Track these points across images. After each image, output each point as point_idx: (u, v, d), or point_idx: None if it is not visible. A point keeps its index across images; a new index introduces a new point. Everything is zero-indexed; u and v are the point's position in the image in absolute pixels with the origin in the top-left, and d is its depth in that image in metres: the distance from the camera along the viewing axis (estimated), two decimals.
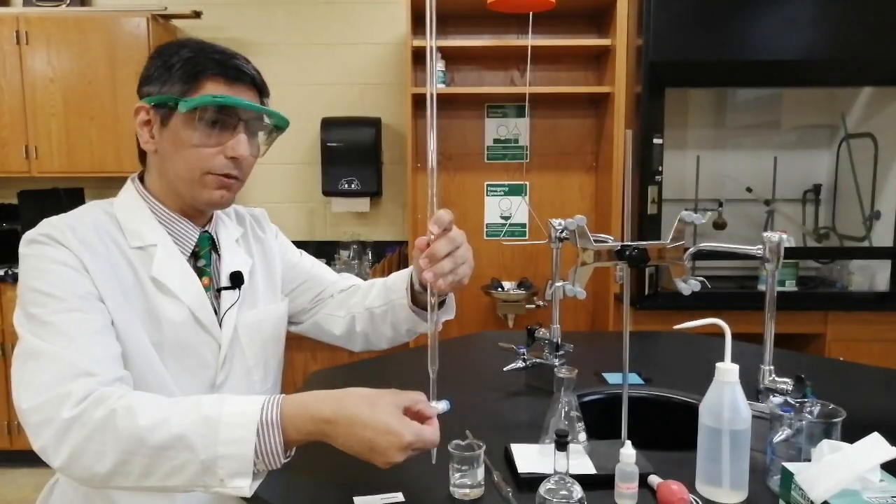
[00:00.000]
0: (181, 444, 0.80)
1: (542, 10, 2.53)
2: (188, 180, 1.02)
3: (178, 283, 1.03)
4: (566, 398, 1.09)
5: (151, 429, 0.80)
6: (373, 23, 3.44)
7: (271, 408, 0.83)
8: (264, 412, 0.82)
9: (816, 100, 3.29)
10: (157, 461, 0.80)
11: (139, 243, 1.01)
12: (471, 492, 0.96)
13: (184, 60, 0.99)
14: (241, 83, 1.02)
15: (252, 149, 1.05)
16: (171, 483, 0.81)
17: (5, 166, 3.20)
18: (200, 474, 0.80)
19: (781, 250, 1.13)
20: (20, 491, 2.99)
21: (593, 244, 1.10)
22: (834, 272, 3.19)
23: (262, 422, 0.81)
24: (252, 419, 0.81)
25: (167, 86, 0.99)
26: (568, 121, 3.41)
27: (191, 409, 0.82)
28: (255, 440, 0.80)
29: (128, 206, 1.05)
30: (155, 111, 1.01)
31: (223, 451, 0.80)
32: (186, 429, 0.80)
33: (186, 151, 1.00)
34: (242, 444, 0.80)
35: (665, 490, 0.93)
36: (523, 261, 3.50)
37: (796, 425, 0.96)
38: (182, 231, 1.07)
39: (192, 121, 0.98)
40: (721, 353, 0.98)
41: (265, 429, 0.81)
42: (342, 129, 3.27)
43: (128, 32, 3.12)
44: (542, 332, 1.47)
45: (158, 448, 0.79)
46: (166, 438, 0.80)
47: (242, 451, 0.80)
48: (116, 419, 0.80)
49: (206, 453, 0.79)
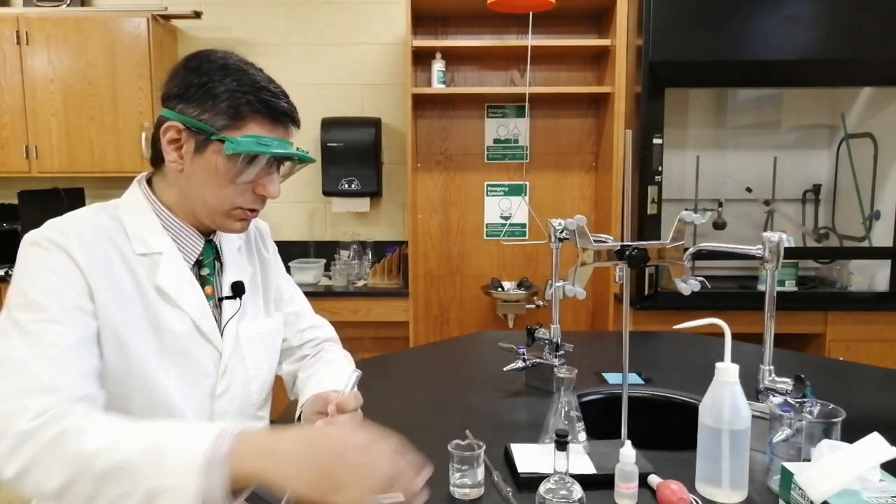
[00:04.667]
0: (123, 474, 0.77)
1: (542, 10, 2.54)
2: (214, 210, 1.02)
3: (182, 292, 1.02)
4: (566, 398, 1.09)
5: (97, 454, 0.78)
6: (373, 23, 3.44)
7: (217, 443, 0.77)
8: (208, 450, 0.76)
9: (816, 100, 3.29)
10: (102, 487, 0.77)
11: (144, 250, 1.00)
12: (471, 492, 0.96)
13: (231, 93, 0.96)
14: (282, 124, 1.01)
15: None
16: None
17: (5, 166, 3.20)
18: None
19: (781, 250, 1.13)
20: None
21: (593, 244, 1.10)
22: (834, 272, 3.19)
23: (208, 457, 0.76)
24: (197, 451, 0.76)
25: (209, 114, 0.96)
26: (568, 121, 3.41)
27: (143, 436, 0.80)
28: (200, 475, 0.75)
29: (134, 211, 1.04)
30: (189, 134, 0.98)
31: (168, 483, 0.76)
32: (135, 455, 0.77)
33: (218, 184, 0.99)
34: (188, 476, 0.75)
35: (665, 490, 0.93)
36: (523, 261, 3.50)
37: (796, 425, 0.96)
38: (187, 239, 1.06)
39: (233, 159, 0.97)
40: (721, 353, 0.98)
41: (212, 464, 0.76)
42: (342, 129, 3.27)
43: (128, 32, 3.13)
44: (542, 332, 1.47)
45: (101, 475, 0.77)
46: (110, 465, 0.77)
47: (187, 484, 0.75)
48: (66, 440, 0.79)
49: (153, 482, 0.76)
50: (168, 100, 1.00)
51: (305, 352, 1.28)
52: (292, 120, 1.03)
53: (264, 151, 0.97)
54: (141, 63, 3.13)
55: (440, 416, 1.31)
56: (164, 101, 1.01)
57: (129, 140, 3.15)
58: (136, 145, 3.15)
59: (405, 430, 1.22)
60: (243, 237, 1.19)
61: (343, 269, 3.24)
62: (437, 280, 3.52)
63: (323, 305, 3.04)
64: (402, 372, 1.64)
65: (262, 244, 1.25)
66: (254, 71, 1.01)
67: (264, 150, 0.97)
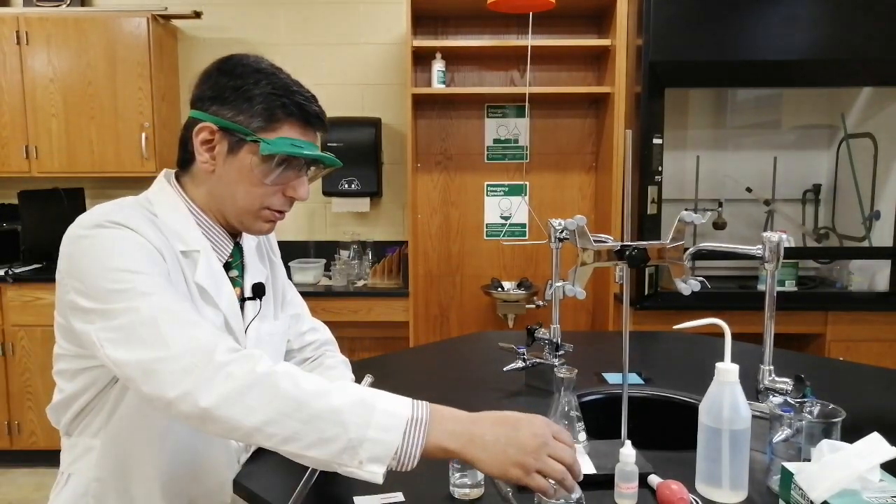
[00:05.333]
0: (336, 418, 0.81)
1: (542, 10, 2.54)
2: (244, 210, 1.04)
3: (219, 290, 1.05)
4: (566, 398, 1.09)
5: (315, 395, 0.82)
6: (373, 23, 3.44)
7: (420, 406, 0.85)
8: (414, 409, 0.84)
9: (816, 100, 3.29)
10: (308, 428, 0.81)
11: (183, 247, 1.01)
12: (471, 492, 0.96)
13: (266, 96, 0.99)
14: (313, 127, 1.04)
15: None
16: (311, 454, 0.82)
17: (5, 166, 3.20)
18: (342, 452, 0.81)
19: (781, 250, 1.13)
20: (20, 491, 2.99)
21: (593, 244, 1.10)
22: (834, 272, 3.19)
23: (411, 418, 0.83)
24: (404, 410, 0.84)
25: (244, 116, 0.98)
26: (568, 121, 3.41)
27: (349, 389, 0.85)
28: (403, 432, 0.82)
29: (169, 207, 1.04)
30: (223, 135, 0.99)
31: (373, 435, 0.81)
32: (345, 405, 0.82)
33: (250, 185, 1.01)
34: (391, 433, 0.82)
35: (665, 490, 0.93)
36: (523, 261, 3.50)
37: (796, 425, 0.96)
38: (219, 240, 1.08)
39: (267, 160, 0.99)
40: (721, 353, 0.98)
41: (414, 425, 0.83)
42: (342, 129, 3.27)
43: (128, 32, 3.13)
44: (542, 331, 1.47)
45: (314, 416, 0.81)
46: (325, 408, 0.81)
47: (389, 440, 0.81)
48: (278, 379, 0.82)
49: (357, 433, 0.81)
50: (200, 102, 1.02)
51: (307, 354, 1.29)
52: (322, 124, 1.06)
53: (298, 153, 1.00)
54: (141, 63, 3.13)
55: None
56: (196, 103, 1.02)
57: (129, 140, 3.15)
58: (136, 145, 3.14)
59: None
60: (255, 239, 1.20)
61: (343, 269, 3.24)
62: (437, 280, 3.52)
63: (323, 305, 3.04)
64: (402, 372, 1.64)
65: (270, 247, 1.27)
66: (284, 75, 1.04)
67: (298, 153, 1.00)
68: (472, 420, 0.86)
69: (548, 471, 0.84)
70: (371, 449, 0.81)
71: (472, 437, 0.84)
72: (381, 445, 0.81)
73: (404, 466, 0.83)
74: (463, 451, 0.83)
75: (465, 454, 0.84)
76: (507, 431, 0.85)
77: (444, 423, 0.85)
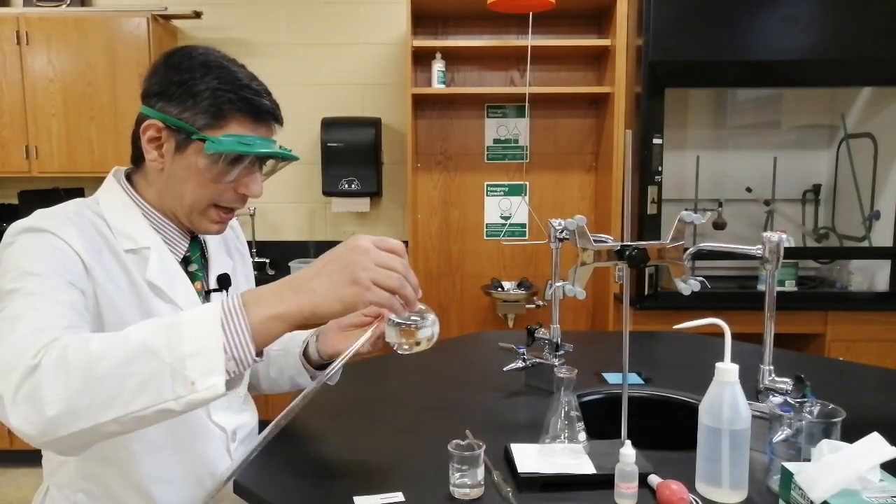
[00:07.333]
0: (143, 353, 0.73)
1: (542, 10, 2.54)
2: (191, 209, 1.01)
3: (174, 286, 1.02)
4: (566, 398, 1.09)
5: (107, 350, 0.73)
6: (373, 23, 3.44)
7: (230, 297, 0.79)
8: (224, 303, 0.77)
9: (816, 100, 3.29)
10: (119, 381, 0.72)
11: (131, 246, 0.99)
12: (471, 491, 0.96)
13: (211, 91, 0.95)
14: (264, 122, 1.00)
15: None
16: (137, 405, 0.72)
17: (6, 166, 3.20)
18: (169, 382, 0.72)
19: (781, 250, 1.13)
20: (20, 490, 2.99)
21: (593, 244, 1.10)
22: (833, 272, 3.19)
23: (224, 310, 0.76)
24: (214, 311, 0.76)
25: (189, 113, 0.95)
26: (568, 121, 3.41)
27: (147, 323, 0.77)
28: (221, 331, 0.74)
29: (116, 206, 1.02)
30: (169, 133, 0.97)
31: (189, 349, 0.73)
32: (147, 337, 0.74)
33: (199, 184, 0.98)
34: (209, 337, 0.74)
35: (665, 490, 0.93)
36: (523, 261, 3.50)
37: (796, 425, 0.96)
38: (173, 236, 1.06)
39: (214, 158, 0.96)
40: (721, 353, 0.98)
41: (229, 316, 0.75)
42: (342, 129, 3.27)
43: (128, 33, 3.13)
44: (542, 331, 1.47)
45: (118, 365, 0.72)
46: (125, 352, 0.73)
47: (210, 345, 0.74)
48: (67, 353, 0.73)
49: (172, 355, 0.72)
50: (148, 97, 0.99)
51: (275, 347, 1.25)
52: (275, 118, 1.02)
53: (246, 151, 0.96)
54: (141, 63, 3.13)
55: (440, 416, 1.31)
56: (144, 98, 1.00)
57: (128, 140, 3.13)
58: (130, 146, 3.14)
59: (405, 430, 1.22)
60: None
61: None
62: (437, 280, 3.53)
63: None
64: (402, 372, 1.64)
65: (238, 240, 1.26)
66: (235, 68, 0.99)
67: (246, 150, 0.96)
68: (289, 278, 0.80)
69: (381, 279, 0.78)
70: (197, 364, 0.73)
71: (296, 289, 0.78)
72: (206, 354, 0.73)
73: (243, 362, 0.76)
74: (295, 305, 0.77)
75: (299, 308, 0.77)
76: (324, 263, 0.79)
77: (261, 295, 0.78)
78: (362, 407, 1.35)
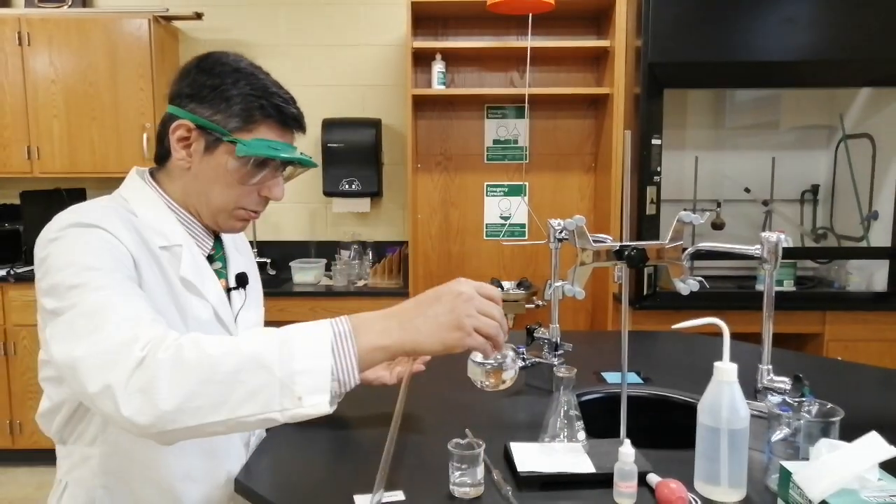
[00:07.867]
0: (256, 365, 0.77)
1: (542, 11, 2.55)
2: (217, 209, 1.04)
3: (205, 282, 1.05)
4: (565, 397, 1.10)
5: (223, 355, 0.77)
6: (373, 24, 3.44)
7: (338, 321, 0.82)
8: (334, 325, 0.81)
9: (815, 100, 3.30)
10: (231, 387, 0.76)
11: (164, 242, 1.01)
12: (471, 490, 0.96)
13: (243, 96, 0.98)
14: (290, 129, 1.04)
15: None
16: (245, 411, 0.76)
17: (7, 167, 3.21)
18: (277, 395, 0.77)
19: (779, 250, 1.13)
20: (21, 490, 3.00)
21: (592, 244, 1.10)
22: (832, 272, 3.20)
23: (334, 332, 0.80)
24: (324, 331, 0.80)
25: (221, 115, 0.98)
26: (567, 121, 3.42)
27: (258, 335, 0.81)
28: (331, 351, 0.78)
29: (146, 204, 1.04)
30: (199, 133, 0.99)
31: (301, 366, 0.77)
32: (260, 349, 0.78)
33: (226, 184, 1.01)
34: (320, 357, 0.78)
35: (664, 489, 0.93)
36: (523, 261, 3.51)
37: (794, 424, 0.97)
38: (200, 234, 1.08)
39: (243, 160, 0.99)
40: (719, 353, 0.98)
41: (339, 339, 0.80)
42: (343, 130, 3.28)
43: (129, 33, 3.13)
44: (541, 331, 1.48)
45: (232, 372, 0.76)
46: (239, 361, 0.77)
47: (321, 365, 0.78)
48: (183, 352, 0.77)
49: (283, 370, 0.77)
50: (178, 98, 1.01)
51: None
52: (300, 125, 1.06)
53: (274, 155, 1.00)
54: (142, 64, 3.14)
55: (440, 416, 1.31)
56: (174, 98, 1.02)
57: (130, 141, 3.15)
58: (137, 146, 3.15)
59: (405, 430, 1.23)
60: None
61: (343, 269, 3.25)
62: (438, 280, 3.51)
63: (323, 305, 3.05)
64: None
65: (241, 239, 1.27)
66: (263, 76, 1.03)
67: (274, 154, 1.00)
68: (394, 311, 0.84)
69: (482, 327, 0.83)
70: (306, 381, 0.77)
71: (402, 324, 0.82)
72: (315, 373, 0.77)
73: (346, 385, 0.80)
74: (399, 340, 0.81)
75: (402, 343, 0.81)
76: (431, 304, 0.84)
77: (368, 325, 0.82)
78: (362, 406, 1.36)
